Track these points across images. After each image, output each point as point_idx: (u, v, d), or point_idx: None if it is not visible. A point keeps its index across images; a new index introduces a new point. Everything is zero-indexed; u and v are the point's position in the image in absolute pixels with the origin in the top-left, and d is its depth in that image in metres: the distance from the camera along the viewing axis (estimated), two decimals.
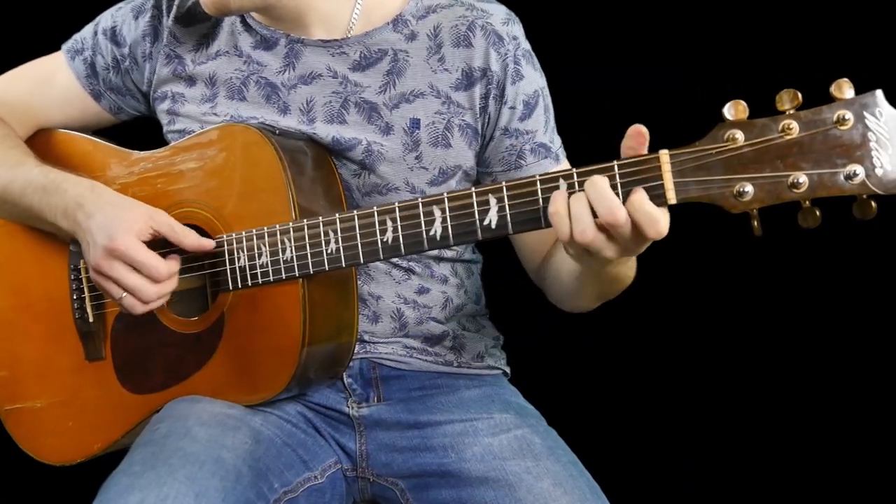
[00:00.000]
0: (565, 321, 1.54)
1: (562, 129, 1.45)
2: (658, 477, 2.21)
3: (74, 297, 1.46)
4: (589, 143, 1.13)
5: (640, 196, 1.06)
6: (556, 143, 1.43)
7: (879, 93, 1.00)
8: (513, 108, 1.38)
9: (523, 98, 1.38)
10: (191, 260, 1.35)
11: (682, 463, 2.23)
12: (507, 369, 1.56)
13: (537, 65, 1.42)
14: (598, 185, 1.07)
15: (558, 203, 1.09)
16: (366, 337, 1.42)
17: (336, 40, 1.39)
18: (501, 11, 1.40)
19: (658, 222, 1.06)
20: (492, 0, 1.42)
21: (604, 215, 1.06)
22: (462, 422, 1.39)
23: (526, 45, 1.40)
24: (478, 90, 1.37)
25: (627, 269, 1.25)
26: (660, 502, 2.20)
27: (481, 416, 1.40)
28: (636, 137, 1.08)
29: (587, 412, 2.16)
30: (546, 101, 1.42)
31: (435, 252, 1.44)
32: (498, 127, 1.39)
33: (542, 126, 1.41)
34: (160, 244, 1.34)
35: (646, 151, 1.08)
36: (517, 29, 1.40)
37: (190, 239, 1.32)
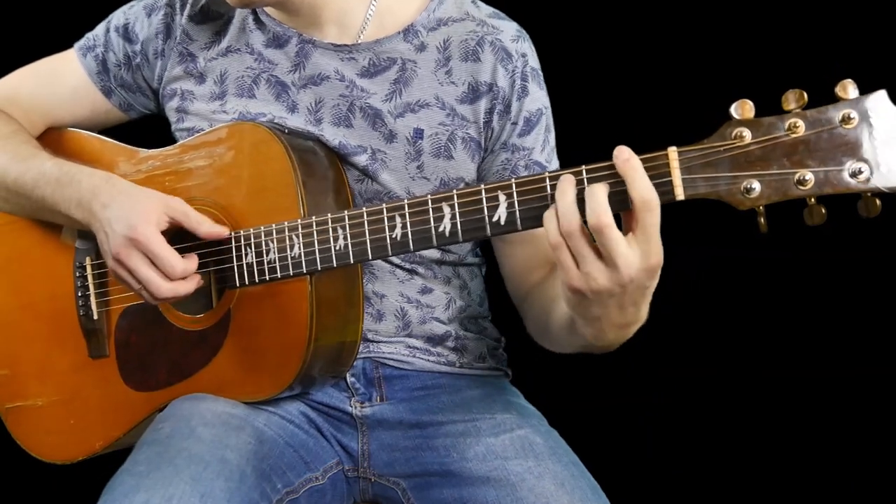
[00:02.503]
0: None
1: (572, 130, 1.45)
2: (659, 477, 2.22)
3: (79, 294, 1.46)
4: (599, 142, 1.14)
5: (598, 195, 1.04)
6: (554, 164, 1.43)
7: (883, 93, 1.02)
8: (514, 123, 1.39)
9: (525, 115, 1.39)
10: (199, 256, 1.35)
11: (682, 463, 2.23)
12: (509, 371, 1.56)
13: (543, 84, 1.42)
14: (596, 191, 1.06)
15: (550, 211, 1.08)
16: (369, 335, 1.43)
17: (346, 45, 1.41)
18: (512, 28, 1.40)
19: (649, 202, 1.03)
20: (503, 17, 1.43)
21: (588, 217, 1.05)
22: (464, 422, 1.40)
23: (534, 63, 1.41)
24: (483, 104, 1.38)
25: (617, 335, 1.16)
26: (660, 503, 2.20)
27: (483, 417, 1.40)
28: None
29: (588, 413, 2.17)
30: (548, 121, 1.43)
31: (437, 255, 1.45)
32: (498, 141, 1.40)
33: (540, 144, 1.41)
34: (178, 238, 1.34)
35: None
36: (526, 46, 1.40)
37: (205, 226, 1.32)
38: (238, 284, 1.34)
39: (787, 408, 2.24)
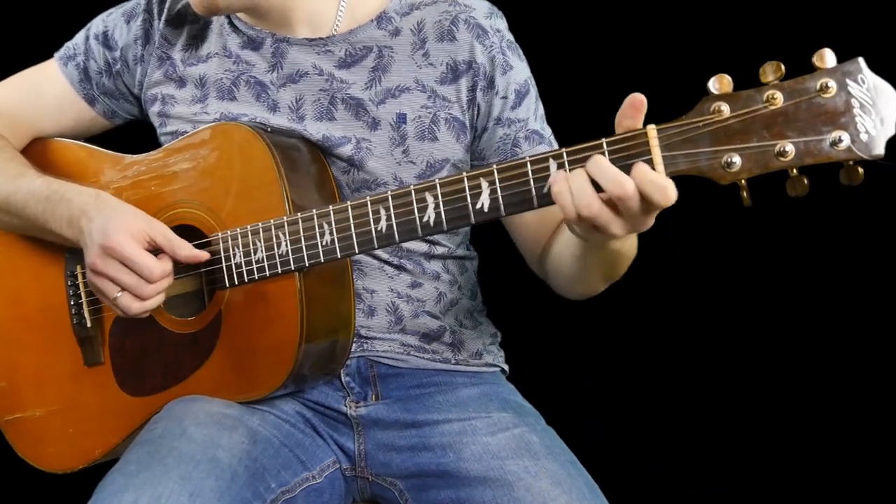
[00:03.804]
0: (564, 318, 1.55)
1: (550, 111, 1.46)
2: (657, 476, 2.21)
3: (72, 303, 1.47)
4: (577, 123, 1.15)
5: (642, 168, 1.05)
6: (548, 130, 1.45)
7: (861, 60, 1.01)
8: (504, 97, 1.40)
9: (514, 87, 1.40)
10: None
11: (680, 462, 2.23)
12: (506, 367, 1.55)
13: (522, 56, 1.44)
14: (600, 162, 1.07)
15: (560, 182, 1.09)
16: (362, 332, 1.42)
17: (321, 38, 1.41)
18: (484, 5, 1.42)
19: (666, 189, 1.05)
20: None
21: (612, 189, 1.06)
22: (460, 421, 1.39)
23: (510, 36, 1.42)
24: (464, 83, 1.39)
25: (630, 246, 1.24)
26: (658, 501, 2.19)
27: (479, 415, 1.39)
28: (631, 109, 1.08)
29: (586, 411, 2.16)
30: (534, 90, 1.44)
31: (425, 248, 1.44)
32: (491, 118, 1.40)
33: (533, 114, 1.43)
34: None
35: (641, 123, 1.08)
36: (500, 22, 1.42)
37: (184, 250, 1.33)
38: (227, 285, 1.34)
39: (786, 402, 2.23)
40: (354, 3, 1.42)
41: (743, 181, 1.05)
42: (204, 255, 1.33)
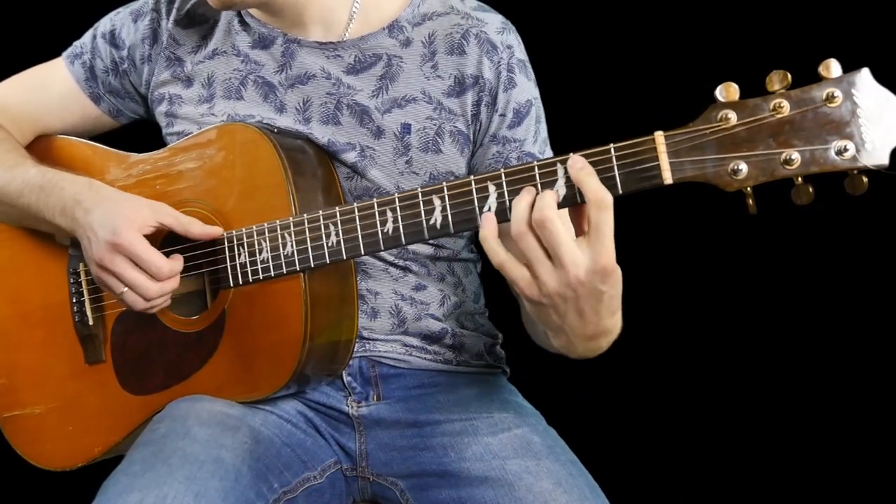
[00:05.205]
0: None
1: (559, 117, 1.46)
2: (658, 476, 2.22)
3: (74, 301, 1.47)
4: (587, 128, 1.15)
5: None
6: (547, 155, 1.44)
7: (866, 70, 1.02)
8: (503, 115, 1.39)
9: (514, 106, 1.39)
10: (192, 258, 1.36)
11: (681, 462, 2.24)
12: (507, 368, 1.56)
13: (531, 75, 1.42)
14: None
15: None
16: (365, 333, 1.43)
17: (332, 43, 1.41)
18: (497, 20, 1.41)
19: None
20: (488, 9, 1.43)
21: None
22: (461, 421, 1.40)
23: (521, 54, 1.41)
24: (469, 97, 1.38)
25: (587, 346, 1.15)
26: (659, 502, 2.20)
27: (481, 416, 1.40)
28: None
29: (587, 411, 2.17)
30: (538, 111, 1.43)
31: (430, 251, 1.45)
32: (487, 134, 1.40)
33: (532, 136, 1.41)
34: (169, 243, 1.35)
35: None
36: (512, 38, 1.41)
37: (195, 227, 1.33)
38: (232, 285, 1.34)
39: (787, 405, 2.24)
40: (368, 6, 1.42)
41: (749, 189, 1.06)
42: (217, 230, 1.33)
